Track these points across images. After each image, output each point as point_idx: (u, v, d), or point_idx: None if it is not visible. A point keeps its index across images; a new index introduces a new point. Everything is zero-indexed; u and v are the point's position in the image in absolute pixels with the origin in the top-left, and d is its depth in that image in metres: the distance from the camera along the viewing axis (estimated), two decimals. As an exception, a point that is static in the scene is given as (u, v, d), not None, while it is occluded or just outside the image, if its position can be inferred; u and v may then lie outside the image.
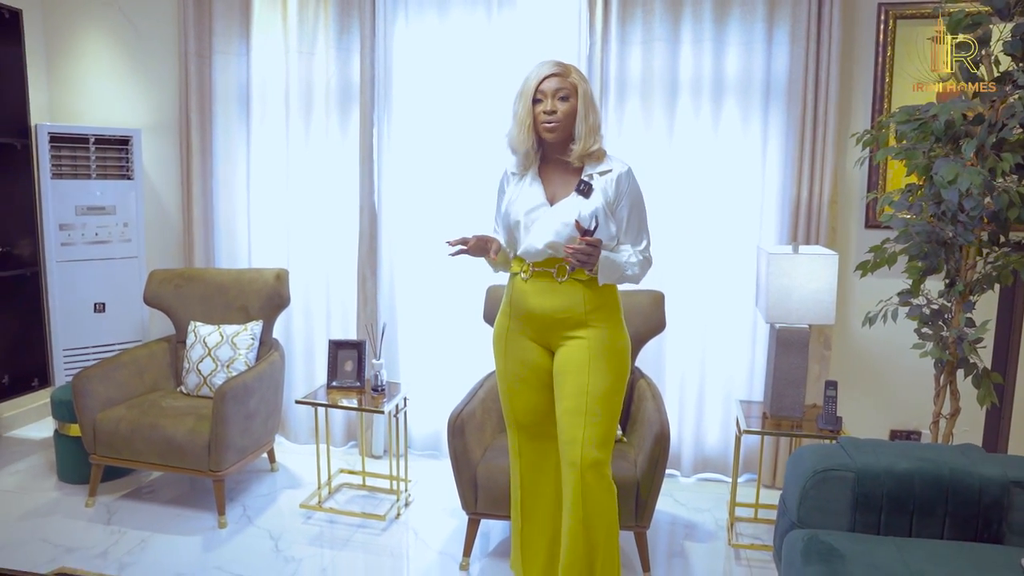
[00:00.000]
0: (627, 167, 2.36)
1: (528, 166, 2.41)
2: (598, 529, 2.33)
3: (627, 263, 2.32)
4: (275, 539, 3.08)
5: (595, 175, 2.33)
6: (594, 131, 2.32)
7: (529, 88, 2.32)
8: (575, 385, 2.31)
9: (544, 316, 2.37)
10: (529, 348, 2.44)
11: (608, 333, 2.34)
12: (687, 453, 3.72)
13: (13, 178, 3.89)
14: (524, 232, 2.36)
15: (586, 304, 2.32)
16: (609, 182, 2.31)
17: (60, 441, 3.56)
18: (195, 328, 3.57)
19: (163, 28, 4.11)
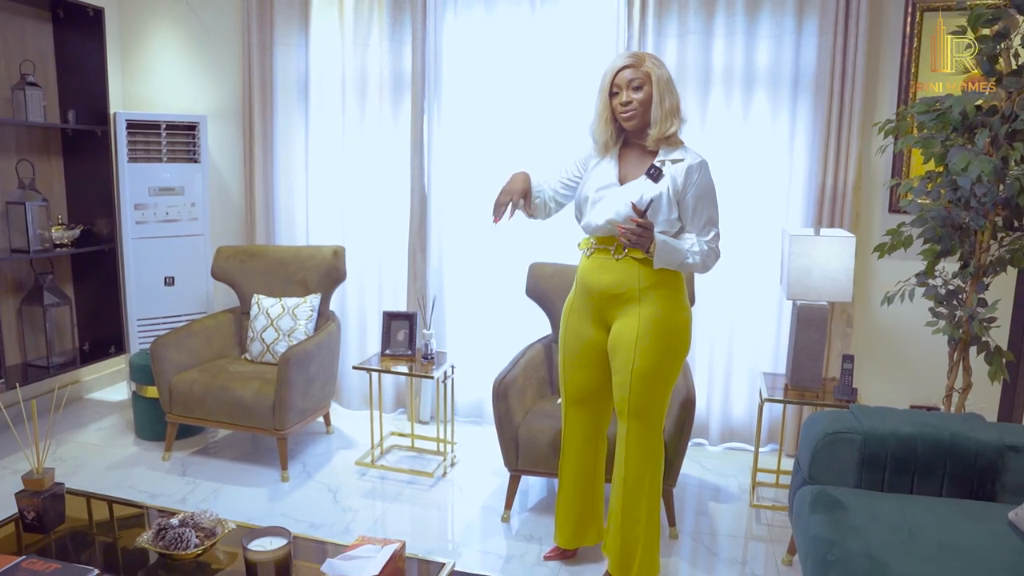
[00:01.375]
0: (700, 159, 2.43)
1: (607, 152, 2.58)
2: (643, 487, 2.55)
3: (688, 251, 2.40)
4: (333, 492, 3.39)
5: (667, 162, 2.42)
6: (671, 114, 2.41)
7: (605, 82, 2.46)
8: (623, 362, 2.47)
9: (601, 292, 2.51)
10: (587, 325, 2.61)
11: (662, 311, 2.44)
12: (715, 423, 3.94)
13: (94, 162, 4.23)
14: (590, 208, 2.52)
15: (641, 282, 2.44)
16: (679, 171, 2.41)
17: (138, 402, 3.91)
18: (258, 300, 3.89)
19: (228, 22, 4.40)
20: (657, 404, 2.52)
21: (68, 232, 4.10)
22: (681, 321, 2.49)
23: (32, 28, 4.06)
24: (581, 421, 2.74)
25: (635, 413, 2.49)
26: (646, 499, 2.57)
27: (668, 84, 2.42)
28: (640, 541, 2.58)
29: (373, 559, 1.82)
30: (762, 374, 3.48)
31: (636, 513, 2.57)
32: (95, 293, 4.37)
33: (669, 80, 2.43)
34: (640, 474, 2.55)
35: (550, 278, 3.54)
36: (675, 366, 2.52)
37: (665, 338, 2.46)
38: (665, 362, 2.48)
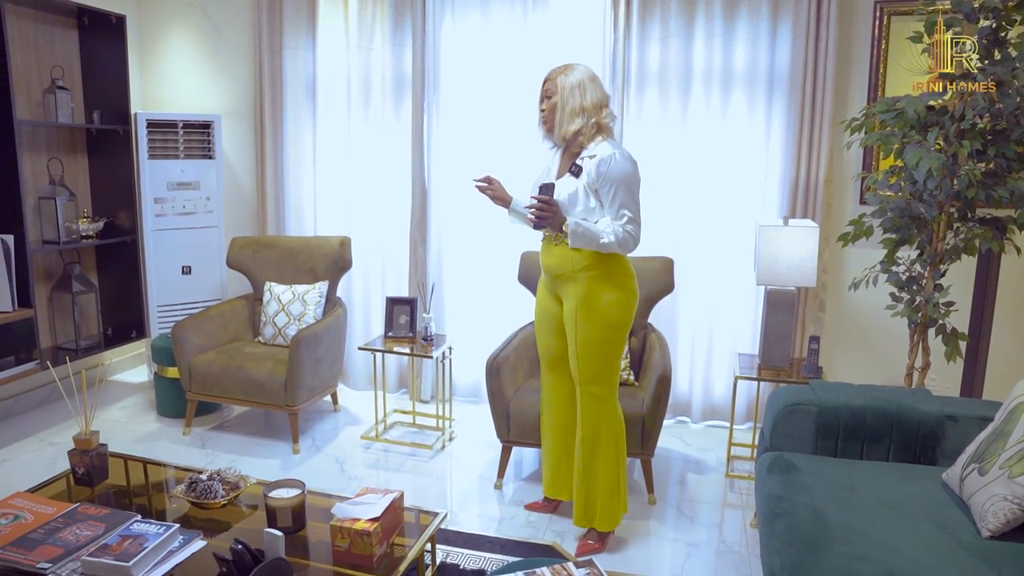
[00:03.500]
0: (612, 153, 2.65)
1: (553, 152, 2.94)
2: (598, 445, 2.88)
3: (602, 232, 2.66)
4: (340, 463, 3.68)
5: (587, 158, 2.71)
6: (573, 115, 2.70)
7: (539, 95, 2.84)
8: (570, 336, 2.83)
9: (548, 271, 2.90)
10: (546, 297, 3.00)
11: (592, 290, 2.74)
12: (696, 402, 4.22)
13: (116, 159, 4.52)
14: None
15: (573, 265, 2.76)
16: (593, 165, 2.68)
17: (159, 382, 4.21)
18: (270, 287, 4.17)
19: (239, 26, 4.68)
20: (603, 371, 2.83)
21: (93, 224, 4.39)
22: (609, 299, 2.76)
23: (60, 36, 4.34)
24: (554, 382, 3.09)
25: (584, 379, 2.83)
26: (602, 457, 2.88)
27: (573, 89, 2.71)
28: (600, 495, 2.90)
29: (375, 504, 2.11)
30: (737, 355, 3.75)
31: (593, 471, 2.90)
32: (118, 281, 4.66)
33: (576, 85, 2.71)
34: (595, 434, 2.87)
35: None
36: (611, 337, 2.80)
37: (595, 314, 2.76)
38: (600, 334, 2.78)
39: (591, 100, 2.72)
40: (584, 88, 2.72)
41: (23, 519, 2.25)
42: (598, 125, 2.74)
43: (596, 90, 2.74)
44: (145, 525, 2.15)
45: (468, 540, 2.95)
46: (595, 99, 2.73)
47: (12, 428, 4.07)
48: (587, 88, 2.72)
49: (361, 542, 2.02)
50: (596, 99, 2.73)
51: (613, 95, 3.99)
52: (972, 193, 2.99)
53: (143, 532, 2.10)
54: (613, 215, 2.70)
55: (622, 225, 2.68)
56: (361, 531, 2.02)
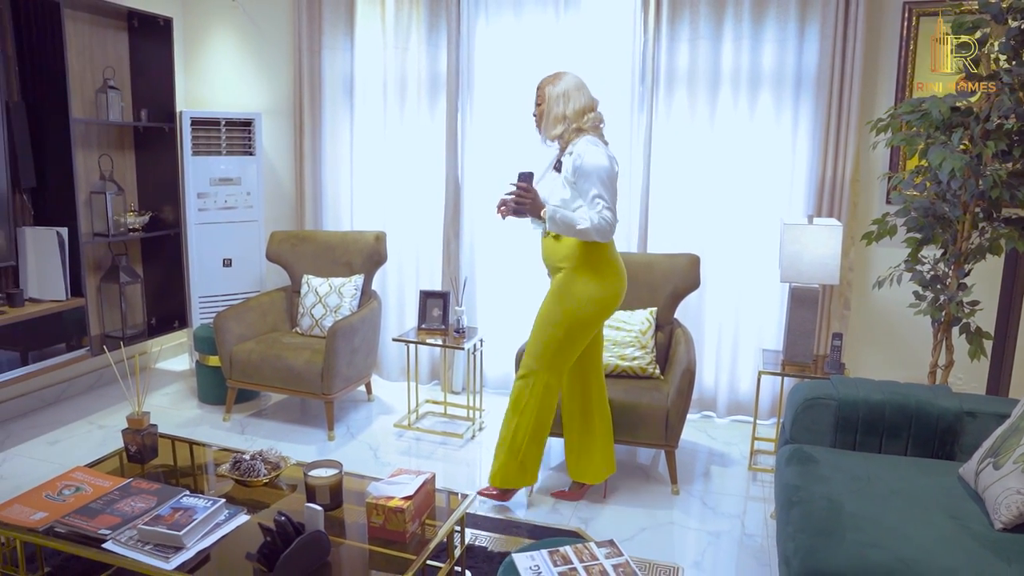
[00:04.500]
0: (587, 149, 2.91)
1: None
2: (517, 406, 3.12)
3: (578, 219, 2.90)
4: (373, 450, 3.82)
5: (567, 155, 2.98)
6: (556, 121, 3.00)
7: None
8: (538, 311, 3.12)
9: (543, 261, 3.16)
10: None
11: (565, 279, 3.01)
12: (722, 397, 4.29)
13: (161, 156, 4.71)
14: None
15: (557, 254, 3.03)
16: (569, 161, 2.95)
17: (200, 370, 4.39)
18: (308, 280, 4.32)
19: (280, 27, 4.84)
20: (540, 346, 3.07)
21: (139, 218, 4.58)
22: (576, 289, 2.99)
23: (112, 38, 4.54)
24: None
25: (528, 351, 3.13)
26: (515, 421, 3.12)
27: (557, 98, 3.01)
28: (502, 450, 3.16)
29: (409, 484, 2.23)
30: (761, 350, 3.82)
31: (505, 431, 3.16)
32: (162, 273, 4.85)
33: (560, 95, 3.00)
34: (516, 398, 3.12)
35: (570, 262, 3.91)
36: (572, 327, 3.03)
37: (559, 298, 3.02)
38: (552, 315, 3.04)
39: (572, 108, 2.99)
40: (568, 97, 3.00)
41: (84, 491, 2.42)
42: (579, 129, 3.00)
43: (580, 98, 3.01)
44: (193, 499, 2.30)
45: (495, 524, 3.07)
46: (577, 106, 3.00)
47: (65, 411, 4.28)
48: (571, 97, 3.00)
49: (395, 519, 2.14)
50: (579, 106, 3.00)
51: (642, 96, 4.08)
52: (997, 193, 3.03)
53: (192, 505, 2.25)
54: (589, 204, 2.90)
55: (597, 212, 2.87)
56: (395, 508, 2.15)
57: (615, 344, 3.67)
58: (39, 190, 4.08)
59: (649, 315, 3.74)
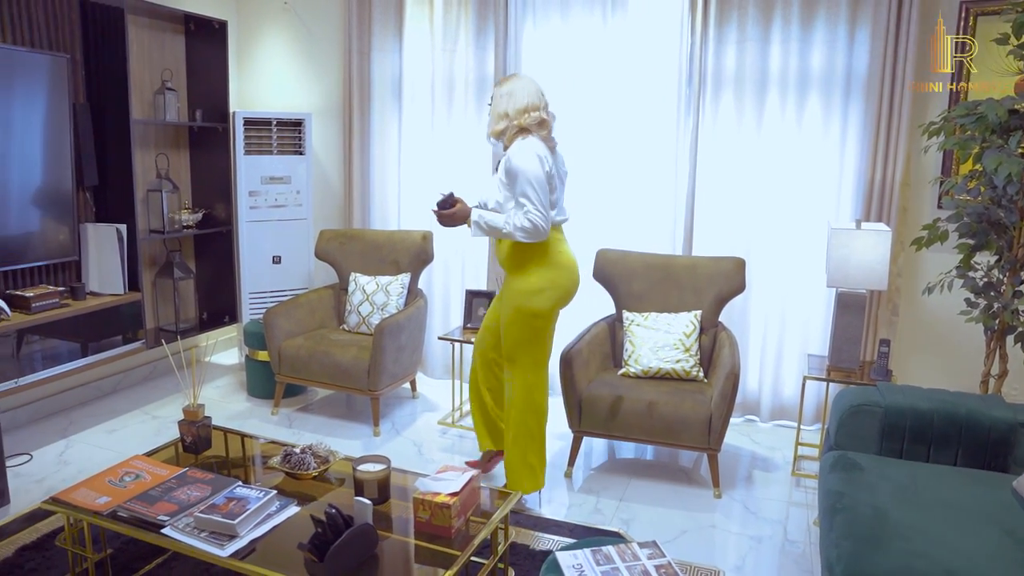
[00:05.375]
0: (515, 151, 2.97)
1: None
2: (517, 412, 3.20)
3: (502, 222, 2.98)
4: (418, 446, 3.88)
5: (504, 157, 3.03)
6: (499, 119, 3.06)
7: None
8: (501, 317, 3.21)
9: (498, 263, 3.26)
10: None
11: (513, 281, 3.11)
12: (765, 401, 4.27)
13: (215, 155, 4.83)
14: None
15: (501, 255, 3.15)
16: (502, 162, 3.02)
17: (250, 364, 4.50)
18: (355, 278, 4.40)
19: (330, 30, 4.93)
20: (519, 352, 3.13)
21: (192, 215, 4.71)
22: (519, 286, 3.08)
23: (170, 41, 4.68)
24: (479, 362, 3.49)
25: (505, 356, 3.21)
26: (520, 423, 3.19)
27: (502, 96, 3.07)
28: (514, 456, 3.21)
29: (455, 481, 2.28)
30: (807, 355, 3.80)
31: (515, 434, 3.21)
32: (213, 269, 4.98)
33: (505, 93, 3.06)
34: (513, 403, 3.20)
35: (615, 263, 3.93)
36: (525, 322, 3.09)
37: (511, 301, 3.10)
38: (515, 319, 3.10)
39: (515, 105, 3.03)
40: (512, 95, 3.05)
41: (143, 478, 2.51)
42: (521, 128, 3.03)
43: (523, 97, 3.04)
44: (246, 490, 2.38)
45: (537, 523, 3.10)
46: (520, 104, 3.03)
47: (121, 401, 4.42)
48: (514, 95, 3.05)
49: (441, 514, 2.19)
50: (521, 104, 3.03)
51: (689, 98, 4.08)
52: (1055, 199, 2.98)
53: (245, 496, 2.32)
54: (516, 206, 2.96)
55: (523, 214, 2.93)
56: (441, 504, 2.19)
57: (659, 347, 3.68)
58: (100, 188, 4.22)
59: (693, 318, 3.74)
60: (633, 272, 3.92)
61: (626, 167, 4.28)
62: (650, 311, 3.85)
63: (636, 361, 3.69)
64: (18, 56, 3.65)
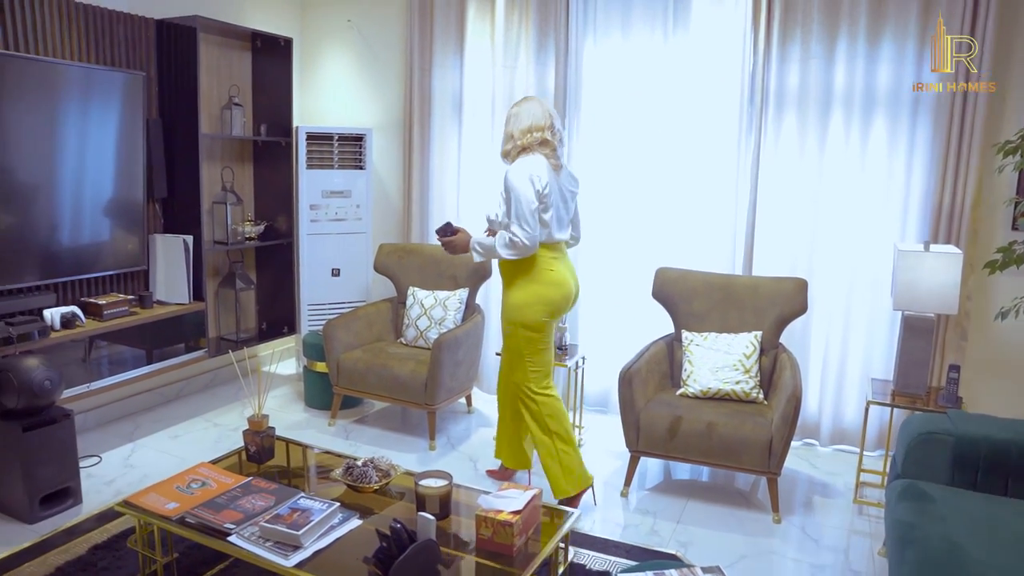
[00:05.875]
0: (511, 169, 3.12)
1: None
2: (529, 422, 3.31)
3: (497, 244, 3.13)
4: (473, 461, 3.89)
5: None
6: (506, 139, 3.24)
7: None
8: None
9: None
10: None
11: (506, 295, 3.25)
12: (825, 425, 4.18)
13: (278, 168, 4.94)
14: None
15: (503, 272, 3.26)
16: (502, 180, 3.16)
17: (308, 375, 4.56)
18: (413, 292, 4.44)
19: (392, 47, 5.01)
20: (516, 363, 3.26)
21: (255, 228, 4.81)
22: (511, 302, 3.22)
23: (237, 58, 4.81)
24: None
25: (505, 368, 3.40)
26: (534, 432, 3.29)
27: (509, 118, 3.24)
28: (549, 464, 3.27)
29: (517, 499, 2.28)
30: (871, 379, 3.71)
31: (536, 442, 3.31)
32: (273, 280, 5.08)
33: (512, 115, 3.23)
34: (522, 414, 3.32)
35: (675, 282, 3.90)
36: (516, 333, 3.22)
37: (504, 314, 3.26)
38: (509, 332, 3.25)
39: (519, 126, 3.18)
40: (518, 116, 3.21)
41: (209, 485, 2.57)
42: (523, 147, 3.16)
43: (528, 118, 3.17)
44: (309, 501, 2.41)
45: (595, 543, 3.08)
46: (523, 125, 3.17)
47: (183, 408, 4.53)
48: (520, 116, 3.20)
49: (503, 532, 2.19)
50: (524, 125, 3.17)
51: (751, 116, 4.04)
52: None
53: (309, 507, 2.36)
54: (509, 223, 3.10)
55: (511, 234, 3.06)
56: (504, 522, 2.19)
57: (718, 367, 3.63)
58: (168, 200, 4.34)
59: (753, 339, 3.68)
60: (693, 291, 3.88)
61: (686, 185, 4.25)
62: (709, 331, 3.81)
63: (695, 381, 3.65)
64: (96, 74, 3.79)
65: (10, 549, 2.90)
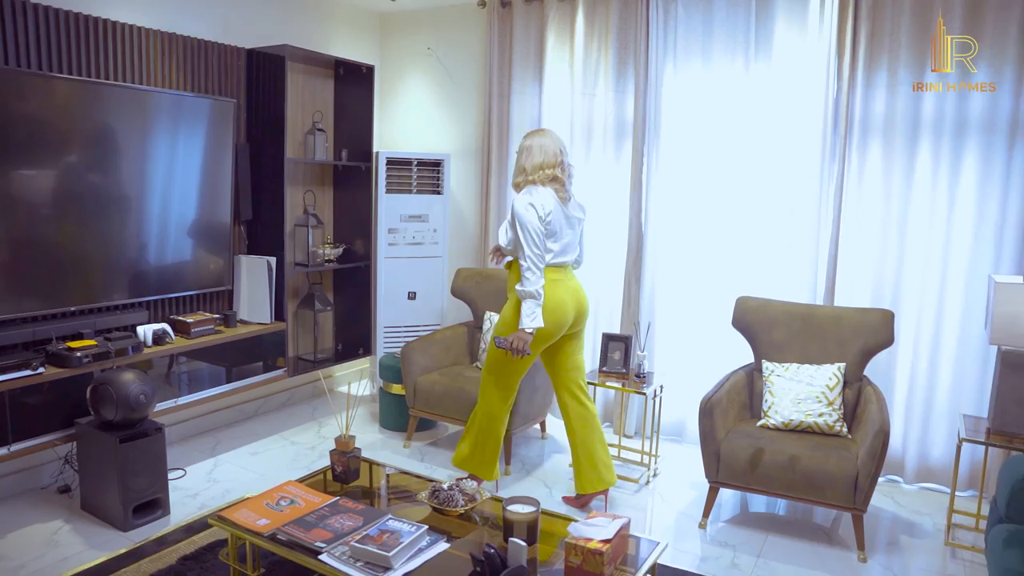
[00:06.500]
0: (517, 199, 3.31)
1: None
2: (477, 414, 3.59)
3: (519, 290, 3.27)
4: (549, 487, 3.88)
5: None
6: (517, 172, 3.43)
7: None
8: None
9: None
10: None
11: (506, 309, 3.42)
12: (910, 461, 4.04)
13: (357, 193, 5.05)
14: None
15: (509, 287, 3.44)
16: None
17: (383, 396, 4.62)
18: (490, 316, 4.47)
19: (471, 73, 5.10)
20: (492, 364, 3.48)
21: (334, 250, 4.91)
22: (505, 317, 3.41)
23: (321, 85, 4.95)
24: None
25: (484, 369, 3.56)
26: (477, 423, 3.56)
27: (520, 152, 3.44)
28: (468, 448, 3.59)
29: (607, 527, 2.26)
30: (962, 416, 3.58)
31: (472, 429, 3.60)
32: (350, 302, 5.17)
33: (524, 148, 3.42)
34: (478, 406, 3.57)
35: (755, 311, 3.85)
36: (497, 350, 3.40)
37: (498, 326, 3.45)
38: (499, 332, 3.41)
39: (531, 162, 3.37)
40: (529, 151, 3.39)
41: (297, 504, 2.62)
42: (532, 181, 3.34)
43: (539, 154, 3.36)
44: (397, 523, 2.43)
45: (675, 574, 3.03)
46: (535, 161, 3.36)
47: (261, 426, 4.63)
48: (532, 151, 3.38)
49: (593, 560, 2.17)
50: (536, 161, 3.36)
51: (834, 144, 3.98)
52: None
53: (398, 529, 2.38)
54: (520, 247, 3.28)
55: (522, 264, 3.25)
56: (594, 550, 2.18)
57: (800, 399, 3.56)
58: (253, 222, 4.48)
59: (837, 370, 3.60)
60: (773, 321, 3.82)
61: (766, 214, 4.20)
62: (790, 361, 3.74)
63: (776, 412, 3.58)
64: (187, 101, 3.94)
65: (109, 554, 3.02)
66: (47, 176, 3.40)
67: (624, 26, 4.47)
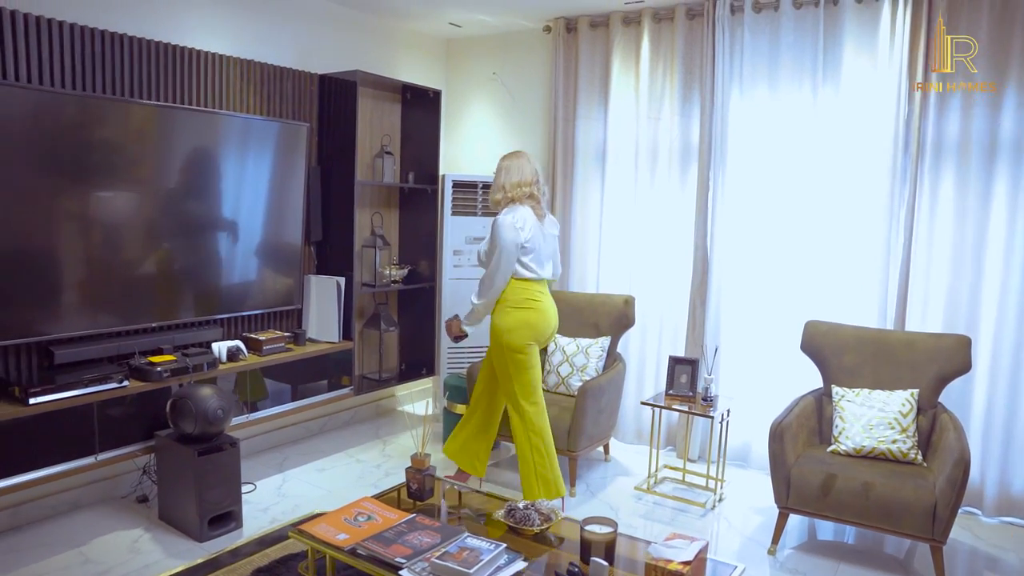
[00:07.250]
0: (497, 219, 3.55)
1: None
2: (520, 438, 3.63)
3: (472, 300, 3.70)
4: (614, 510, 3.86)
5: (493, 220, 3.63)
6: (495, 190, 3.68)
7: None
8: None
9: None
10: None
11: (498, 319, 3.61)
12: (990, 493, 3.92)
13: (423, 215, 5.14)
14: None
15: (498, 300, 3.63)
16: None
17: (447, 416, 4.66)
18: (556, 339, 4.49)
19: (536, 98, 5.17)
20: (506, 381, 3.62)
21: (399, 271, 5.00)
22: (498, 326, 3.60)
23: (389, 109, 5.08)
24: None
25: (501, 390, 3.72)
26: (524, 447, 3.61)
27: (498, 171, 3.68)
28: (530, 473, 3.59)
29: (686, 549, 2.25)
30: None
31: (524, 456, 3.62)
32: (414, 323, 5.25)
33: (502, 168, 3.66)
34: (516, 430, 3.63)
35: (825, 335, 3.80)
36: (505, 355, 3.58)
37: (495, 336, 3.62)
38: (499, 353, 3.62)
39: (510, 180, 3.62)
40: (509, 171, 3.63)
41: (375, 520, 2.66)
42: (512, 199, 3.59)
43: (517, 174, 3.61)
44: (476, 540, 2.46)
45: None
46: (514, 180, 3.61)
47: (326, 443, 4.71)
48: (510, 170, 3.63)
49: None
50: (514, 180, 3.61)
51: (905, 166, 3.93)
52: None
53: (477, 546, 2.40)
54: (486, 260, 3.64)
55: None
56: (675, 572, 2.17)
57: (872, 425, 3.49)
58: (322, 243, 4.59)
59: (910, 397, 3.53)
60: (844, 345, 3.77)
61: (835, 237, 4.15)
62: (861, 387, 3.68)
63: (847, 438, 3.52)
64: (261, 125, 4.05)
65: (187, 563, 3.11)
66: (128, 198, 3.53)
67: (689, 51, 4.50)
